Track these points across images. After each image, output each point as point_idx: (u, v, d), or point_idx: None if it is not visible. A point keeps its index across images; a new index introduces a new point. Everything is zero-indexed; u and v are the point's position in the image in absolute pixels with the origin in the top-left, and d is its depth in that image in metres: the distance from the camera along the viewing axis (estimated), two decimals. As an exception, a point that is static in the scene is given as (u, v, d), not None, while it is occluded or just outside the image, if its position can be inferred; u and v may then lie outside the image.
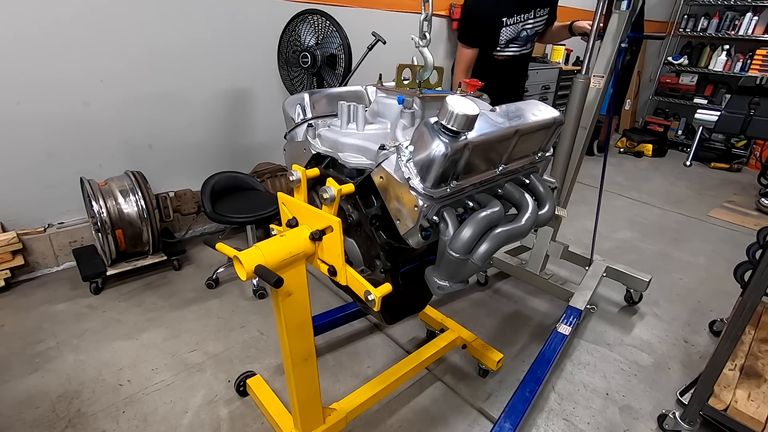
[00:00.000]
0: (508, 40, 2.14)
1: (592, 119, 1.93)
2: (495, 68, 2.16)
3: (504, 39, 2.12)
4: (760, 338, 1.84)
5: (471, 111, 0.87)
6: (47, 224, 2.38)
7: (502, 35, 2.11)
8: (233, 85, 2.76)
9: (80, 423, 1.53)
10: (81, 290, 2.23)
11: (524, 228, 1.02)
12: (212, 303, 2.20)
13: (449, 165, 0.91)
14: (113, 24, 2.22)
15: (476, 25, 2.12)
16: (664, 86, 5.97)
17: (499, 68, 2.16)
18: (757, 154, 5.10)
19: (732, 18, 5.32)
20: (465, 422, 1.61)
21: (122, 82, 2.34)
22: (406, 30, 1.03)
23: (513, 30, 2.10)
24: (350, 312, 1.94)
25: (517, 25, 2.11)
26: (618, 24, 1.81)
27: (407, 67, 1.21)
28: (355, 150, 1.10)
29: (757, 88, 1.76)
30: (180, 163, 2.70)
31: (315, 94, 1.29)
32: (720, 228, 3.42)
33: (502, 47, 2.16)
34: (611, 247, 2.97)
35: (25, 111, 2.12)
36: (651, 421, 1.65)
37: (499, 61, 2.20)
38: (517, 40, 2.16)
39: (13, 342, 1.88)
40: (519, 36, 2.15)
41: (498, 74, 2.16)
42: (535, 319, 2.21)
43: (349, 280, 1.08)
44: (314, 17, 2.22)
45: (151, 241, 2.29)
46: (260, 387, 1.58)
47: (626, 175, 4.62)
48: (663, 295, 2.44)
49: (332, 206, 1.03)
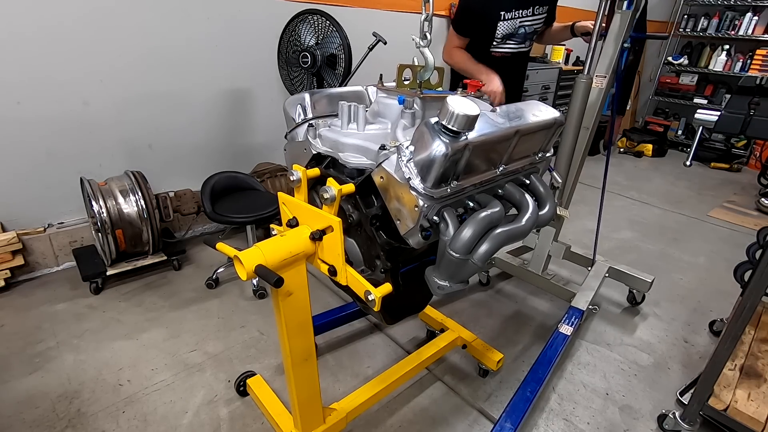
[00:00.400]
0: (504, 35, 2.13)
1: (594, 119, 1.93)
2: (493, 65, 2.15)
3: (501, 33, 2.11)
4: (760, 338, 1.84)
5: (471, 111, 0.87)
6: (47, 224, 2.38)
7: (499, 29, 2.09)
8: (233, 85, 2.76)
9: (80, 423, 1.53)
10: (81, 290, 2.23)
11: (524, 228, 1.02)
12: (212, 303, 2.20)
13: (449, 165, 0.91)
14: (113, 24, 2.22)
15: (472, 16, 2.10)
16: (664, 86, 5.97)
17: (497, 65, 2.16)
18: (757, 154, 5.10)
19: (732, 18, 5.32)
20: (465, 422, 1.61)
21: (122, 81, 2.34)
22: (407, 30, 1.04)
23: (510, 25, 2.09)
24: (350, 312, 1.94)
25: (515, 21, 2.10)
26: (620, 24, 1.81)
27: (408, 68, 1.21)
28: (355, 150, 1.10)
29: (757, 88, 1.76)
30: (180, 163, 2.70)
31: (315, 94, 1.29)
32: (720, 228, 3.42)
33: (498, 42, 2.15)
34: (611, 247, 2.97)
35: (25, 111, 2.12)
36: (651, 421, 1.65)
37: (497, 58, 2.18)
38: (514, 37, 2.15)
39: (13, 342, 1.88)
40: (517, 32, 2.14)
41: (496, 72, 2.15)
42: (536, 320, 2.21)
43: (350, 280, 1.08)
44: (314, 17, 2.22)
45: (151, 241, 2.29)
46: (260, 387, 1.58)
47: (626, 175, 4.62)
48: (663, 295, 2.44)
49: (332, 206, 1.03)
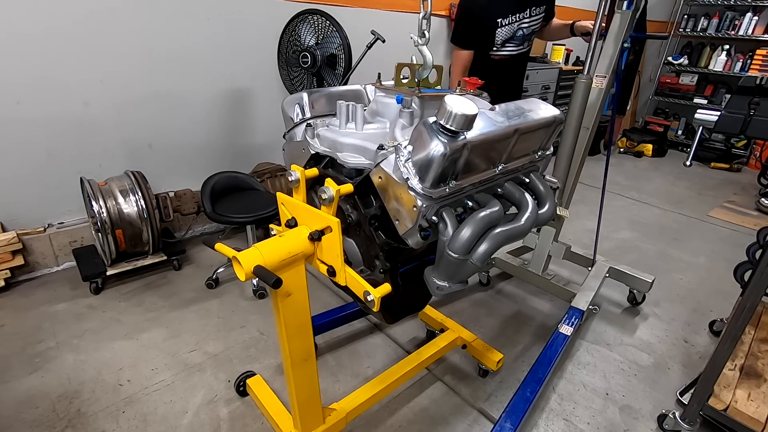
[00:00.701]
0: (504, 40, 2.13)
1: (594, 119, 1.93)
2: (492, 68, 2.15)
3: (500, 39, 2.12)
4: (760, 338, 1.84)
5: (470, 110, 0.86)
6: (47, 224, 2.38)
7: (498, 36, 2.10)
8: (233, 85, 2.76)
9: (80, 423, 1.53)
10: (81, 290, 2.23)
11: (524, 228, 1.02)
12: (212, 303, 2.20)
13: (448, 165, 0.91)
14: (114, 24, 2.22)
15: (470, 26, 2.11)
16: (664, 86, 5.97)
17: (497, 68, 2.16)
18: (757, 154, 5.10)
19: (732, 18, 5.31)
20: (465, 422, 1.61)
21: (122, 82, 2.34)
22: (406, 30, 1.04)
23: (509, 30, 2.10)
24: (350, 312, 1.94)
25: (513, 25, 2.10)
26: (620, 24, 1.81)
27: (406, 66, 1.20)
28: (353, 150, 1.09)
29: (757, 88, 1.76)
30: (180, 163, 2.70)
31: (314, 93, 1.28)
32: (720, 228, 3.42)
33: (498, 47, 2.15)
34: (611, 247, 2.97)
35: (25, 111, 2.12)
36: (651, 421, 1.65)
37: (496, 61, 2.19)
38: (513, 40, 2.16)
39: (13, 342, 1.88)
40: (515, 36, 2.14)
41: (495, 74, 2.15)
42: (536, 320, 2.21)
43: (349, 281, 1.08)
44: (314, 17, 2.22)
45: (151, 241, 2.29)
46: (260, 387, 1.58)
47: (626, 175, 4.62)
48: (663, 295, 2.44)
49: (331, 206, 1.02)
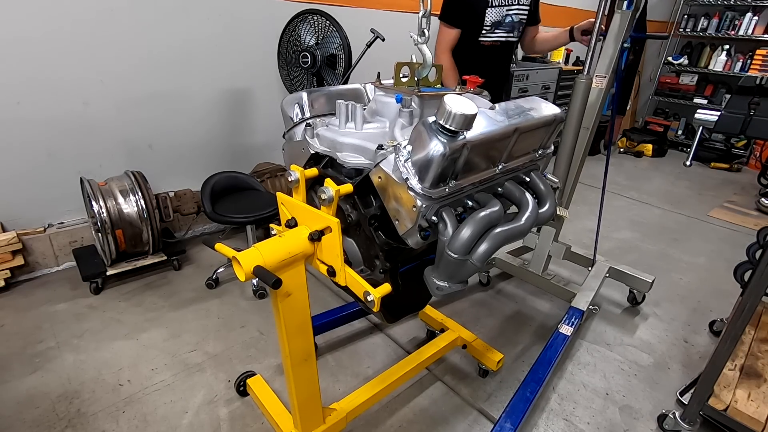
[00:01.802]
0: (493, 23, 2.13)
1: (594, 119, 1.93)
2: (480, 54, 2.16)
3: (489, 21, 2.12)
4: (760, 338, 1.84)
5: (469, 110, 0.86)
6: (47, 224, 2.38)
7: (488, 16, 2.10)
8: (233, 85, 2.76)
9: (80, 423, 1.53)
10: (81, 290, 2.23)
11: (524, 227, 1.01)
12: (212, 303, 2.20)
13: (448, 165, 0.91)
14: (113, 24, 2.22)
15: (461, 3, 2.11)
16: (664, 86, 5.97)
17: (485, 54, 2.16)
18: (757, 154, 5.10)
19: (732, 18, 5.31)
20: (465, 422, 1.61)
21: (122, 82, 2.34)
22: (406, 30, 1.04)
23: (498, 13, 2.10)
24: (350, 312, 1.94)
25: (502, 9, 2.11)
26: (620, 24, 1.81)
27: (406, 65, 1.20)
28: (353, 150, 1.09)
29: (757, 88, 1.76)
30: (180, 163, 2.70)
31: (313, 93, 1.28)
32: (720, 228, 3.42)
33: (487, 30, 2.15)
34: (611, 247, 2.97)
35: (25, 111, 2.12)
36: (651, 421, 1.65)
37: (486, 47, 2.19)
38: (502, 25, 2.16)
39: (13, 342, 1.88)
40: (504, 21, 2.15)
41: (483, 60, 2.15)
42: (536, 320, 2.21)
43: (349, 281, 1.08)
44: (314, 17, 2.22)
45: (151, 241, 2.29)
46: (260, 387, 1.58)
47: (626, 175, 4.62)
48: (663, 295, 2.44)
49: (331, 206, 1.02)
